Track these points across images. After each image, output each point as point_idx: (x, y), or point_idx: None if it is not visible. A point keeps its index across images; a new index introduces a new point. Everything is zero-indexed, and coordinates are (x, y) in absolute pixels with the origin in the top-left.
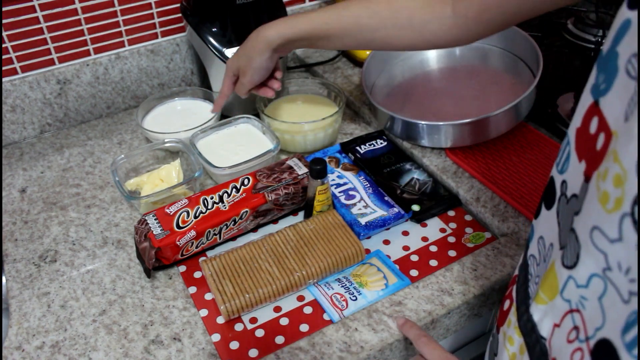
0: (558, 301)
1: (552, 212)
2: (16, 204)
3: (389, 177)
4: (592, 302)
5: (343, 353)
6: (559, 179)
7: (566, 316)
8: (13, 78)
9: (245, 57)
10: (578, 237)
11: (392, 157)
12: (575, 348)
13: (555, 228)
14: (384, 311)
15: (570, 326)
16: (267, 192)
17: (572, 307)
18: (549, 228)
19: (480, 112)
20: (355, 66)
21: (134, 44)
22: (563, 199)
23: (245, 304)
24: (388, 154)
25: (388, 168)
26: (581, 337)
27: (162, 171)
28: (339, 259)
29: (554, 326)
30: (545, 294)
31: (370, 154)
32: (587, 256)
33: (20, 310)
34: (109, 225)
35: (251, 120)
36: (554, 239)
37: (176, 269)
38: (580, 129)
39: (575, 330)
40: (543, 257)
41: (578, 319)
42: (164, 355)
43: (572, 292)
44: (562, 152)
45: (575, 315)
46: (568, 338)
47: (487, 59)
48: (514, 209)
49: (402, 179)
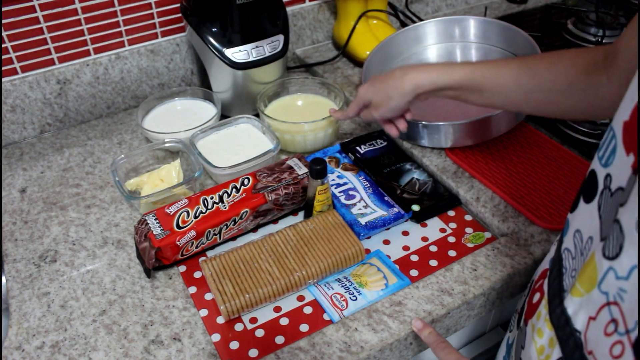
0: (595, 293)
1: (592, 206)
2: (16, 204)
3: (389, 177)
4: (632, 295)
5: (343, 353)
6: (602, 172)
7: (603, 309)
8: (13, 78)
9: (383, 94)
10: (623, 228)
11: (392, 157)
12: (615, 341)
13: (595, 221)
14: (384, 311)
15: (608, 319)
16: (267, 192)
17: (609, 299)
18: (588, 221)
19: (480, 112)
20: (355, 66)
21: (134, 44)
22: (606, 192)
23: (245, 304)
24: (388, 154)
25: (388, 168)
26: (620, 330)
27: (162, 171)
28: (339, 259)
29: (589, 319)
30: (582, 286)
31: (370, 154)
32: (631, 247)
33: (20, 310)
34: (109, 225)
35: (251, 120)
36: (594, 232)
37: (176, 269)
38: (628, 122)
39: (613, 323)
40: (580, 250)
41: (616, 311)
42: (164, 355)
43: (611, 284)
44: (606, 146)
45: (613, 308)
46: (606, 331)
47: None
48: (514, 209)
49: (402, 179)
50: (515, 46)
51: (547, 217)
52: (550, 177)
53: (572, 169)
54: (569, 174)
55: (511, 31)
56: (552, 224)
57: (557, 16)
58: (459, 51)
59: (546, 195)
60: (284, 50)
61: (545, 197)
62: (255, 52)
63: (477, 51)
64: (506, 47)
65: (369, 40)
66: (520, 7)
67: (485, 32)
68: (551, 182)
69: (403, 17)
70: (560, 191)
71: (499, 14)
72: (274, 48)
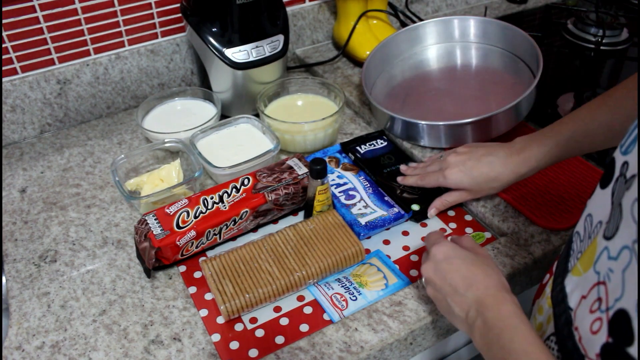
0: (590, 273)
1: (607, 192)
2: (16, 204)
3: (389, 177)
4: (617, 274)
5: (343, 353)
6: (620, 159)
7: (593, 288)
8: (13, 78)
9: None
10: (622, 210)
11: (393, 158)
12: (596, 318)
13: (607, 207)
14: (384, 311)
15: (595, 297)
16: (267, 192)
17: (599, 279)
18: (600, 206)
19: (480, 112)
20: (355, 66)
21: (134, 44)
22: (621, 180)
23: (245, 304)
24: (388, 154)
25: (388, 168)
26: (602, 308)
27: (162, 171)
28: (339, 259)
29: (581, 298)
30: (582, 266)
31: (370, 154)
32: (625, 228)
33: (20, 310)
34: (109, 225)
35: (251, 120)
36: (604, 216)
37: (176, 269)
38: None
39: (598, 302)
40: (588, 234)
41: (602, 290)
42: (164, 355)
43: (603, 264)
44: (629, 135)
45: (601, 288)
46: (591, 308)
47: (487, 59)
48: (514, 208)
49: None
50: (515, 46)
51: (547, 217)
52: (550, 177)
53: (572, 169)
54: (569, 174)
55: (511, 31)
56: (552, 223)
57: (557, 16)
58: (459, 51)
59: (546, 195)
60: (284, 50)
61: (545, 197)
62: (255, 52)
63: (477, 51)
64: (506, 47)
65: (369, 40)
66: (520, 7)
67: (485, 32)
68: (551, 182)
69: (403, 17)
70: (560, 191)
71: (499, 14)
72: (274, 48)
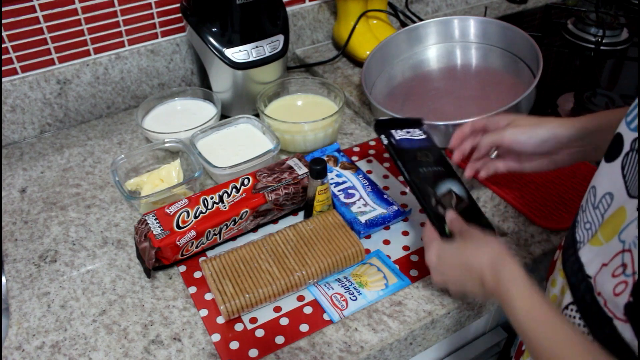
0: (614, 242)
1: (614, 165)
2: (16, 204)
3: (425, 179)
4: None
5: (343, 353)
6: (629, 136)
7: (617, 255)
8: (13, 78)
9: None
10: None
11: (430, 156)
12: (620, 281)
13: (619, 179)
14: (384, 311)
15: (618, 264)
16: (267, 192)
17: (624, 247)
18: (607, 179)
19: (480, 112)
20: (355, 66)
21: (134, 44)
22: (632, 154)
23: (245, 304)
24: (425, 150)
25: (425, 168)
26: (627, 272)
27: (162, 171)
28: (339, 258)
29: (602, 265)
30: (603, 236)
31: (406, 144)
32: None
33: (20, 310)
34: (109, 225)
35: (251, 120)
36: (616, 189)
37: (176, 269)
38: None
39: (622, 267)
40: (592, 204)
41: (628, 257)
42: (164, 355)
43: (630, 233)
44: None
45: (626, 255)
46: (613, 273)
47: (487, 59)
48: (514, 208)
49: (439, 187)
50: (515, 46)
51: (547, 217)
52: (550, 177)
53: (572, 169)
54: (569, 173)
55: (511, 31)
56: (552, 224)
57: (557, 16)
58: (459, 51)
59: (546, 195)
60: (284, 50)
61: (545, 197)
62: (255, 52)
63: (477, 51)
64: (506, 47)
65: (369, 40)
66: (520, 7)
67: (485, 32)
68: (551, 182)
69: (403, 17)
70: (560, 191)
71: (499, 14)
72: (274, 48)
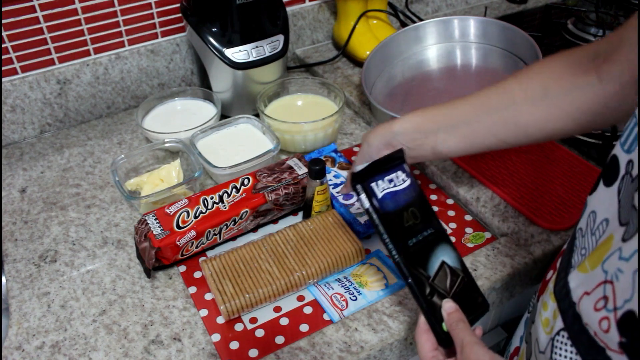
0: (597, 271)
1: (612, 190)
2: (16, 204)
3: (417, 257)
4: (627, 276)
5: (343, 353)
6: (624, 158)
7: (599, 286)
8: (13, 78)
9: None
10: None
11: (417, 214)
12: (603, 316)
13: (614, 204)
14: (384, 311)
15: (600, 295)
16: (267, 192)
17: (607, 278)
18: (605, 204)
19: None
20: (355, 66)
21: (134, 44)
22: (627, 178)
23: (245, 304)
24: (412, 204)
25: (415, 238)
26: (609, 307)
27: (162, 171)
28: (339, 258)
29: (584, 293)
30: (589, 264)
31: (391, 202)
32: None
33: (20, 310)
34: (109, 225)
35: (251, 120)
36: (611, 214)
37: (176, 269)
38: None
39: (603, 300)
40: (590, 229)
41: (609, 289)
42: (164, 355)
43: (613, 264)
44: (629, 132)
45: (608, 286)
46: (595, 306)
47: (487, 59)
48: (514, 209)
49: (431, 263)
50: (515, 46)
51: (547, 217)
52: (550, 177)
53: (572, 169)
54: (569, 173)
55: (511, 31)
56: (552, 224)
57: (557, 16)
58: (459, 51)
59: (546, 195)
60: (284, 50)
61: (545, 197)
62: (255, 52)
63: (477, 51)
64: (506, 47)
65: (369, 40)
66: (520, 7)
67: (485, 32)
68: (551, 182)
69: (403, 17)
70: (560, 191)
71: (499, 14)
72: (274, 48)
